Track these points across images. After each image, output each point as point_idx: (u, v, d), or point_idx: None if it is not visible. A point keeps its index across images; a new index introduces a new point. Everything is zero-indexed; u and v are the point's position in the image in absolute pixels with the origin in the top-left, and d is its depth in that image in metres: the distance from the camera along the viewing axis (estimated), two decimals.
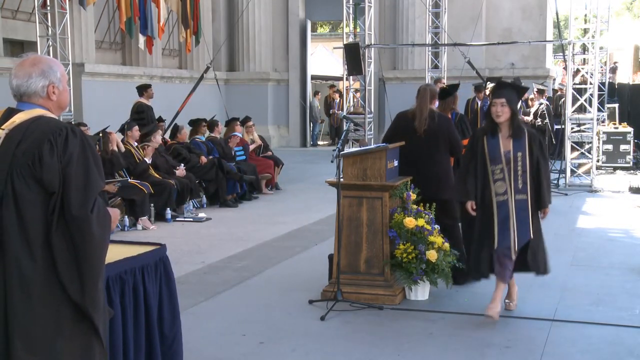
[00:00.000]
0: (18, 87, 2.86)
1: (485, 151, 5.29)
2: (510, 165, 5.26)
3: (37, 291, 2.71)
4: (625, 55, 25.86)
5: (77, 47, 13.84)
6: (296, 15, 20.71)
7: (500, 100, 5.25)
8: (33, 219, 2.70)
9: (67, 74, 2.96)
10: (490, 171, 5.30)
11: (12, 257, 2.70)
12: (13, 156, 2.72)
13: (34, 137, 2.73)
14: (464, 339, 5.03)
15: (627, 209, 10.49)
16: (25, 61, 2.89)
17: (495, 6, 19.43)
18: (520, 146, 5.27)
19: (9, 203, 2.71)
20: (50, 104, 2.89)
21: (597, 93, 13.13)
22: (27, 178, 2.70)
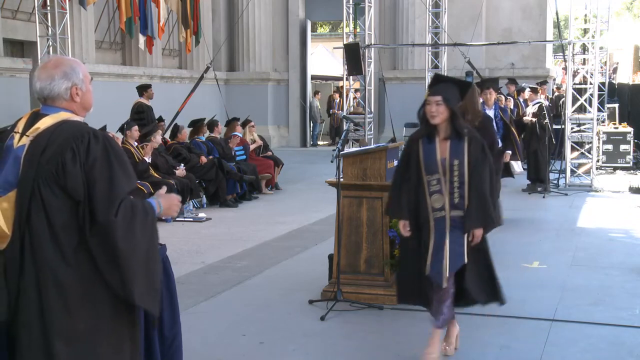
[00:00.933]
0: (42, 90, 2.85)
1: (420, 158, 4.47)
2: (447, 176, 4.44)
3: (73, 295, 2.74)
4: (625, 55, 25.86)
5: (77, 47, 13.84)
6: (296, 15, 20.71)
7: (435, 98, 4.42)
8: (63, 225, 2.72)
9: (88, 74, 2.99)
10: (426, 182, 4.46)
11: (46, 264, 2.72)
12: (38, 164, 2.74)
13: (57, 143, 2.74)
14: (464, 339, 5.02)
15: (627, 209, 10.49)
16: (47, 63, 2.90)
17: (495, 6, 19.43)
18: (458, 152, 4.43)
19: (38, 211, 2.73)
20: (75, 105, 2.89)
21: (597, 93, 13.13)
22: (53, 186, 2.72)
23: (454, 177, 4.41)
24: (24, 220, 2.75)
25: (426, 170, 4.45)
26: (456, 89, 4.53)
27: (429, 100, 4.44)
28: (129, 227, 2.74)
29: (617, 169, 14.62)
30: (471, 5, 18.43)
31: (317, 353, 4.80)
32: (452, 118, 4.42)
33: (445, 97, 4.39)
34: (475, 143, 4.44)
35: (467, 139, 4.42)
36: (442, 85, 4.52)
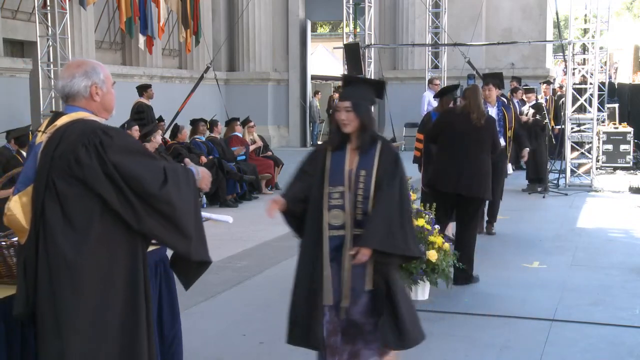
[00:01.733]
0: (63, 87, 2.94)
1: (326, 167, 3.82)
2: (351, 189, 3.79)
3: (85, 282, 2.78)
4: (625, 55, 25.86)
5: (77, 47, 13.83)
6: (296, 15, 20.71)
7: (344, 104, 3.80)
8: (77, 214, 2.78)
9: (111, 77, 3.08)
10: (327, 194, 3.78)
11: (57, 252, 2.77)
12: (52, 158, 2.81)
13: (69, 140, 2.81)
14: (464, 339, 5.03)
15: (627, 209, 10.48)
16: (70, 64, 3.02)
17: (495, 6, 19.43)
18: (367, 162, 3.80)
19: (52, 202, 2.78)
20: (94, 105, 2.95)
21: (597, 93, 13.13)
22: (68, 178, 2.78)
23: (358, 190, 3.77)
24: (39, 213, 2.81)
25: (330, 180, 3.81)
26: (370, 90, 3.95)
27: (338, 106, 3.84)
28: (178, 188, 2.88)
29: (617, 169, 14.62)
30: (471, 5, 18.42)
31: (317, 353, 4.79)
32: (361, 127, 3.79)
33: (354, 102, 3.78)
34: (387, 154, 3.83)
35: (379, 148, 3.82)
36: (352, 89, 3.94)
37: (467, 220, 6.43)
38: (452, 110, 6.94)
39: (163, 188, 2.82)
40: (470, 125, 6.27)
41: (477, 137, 6.31)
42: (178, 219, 2.88)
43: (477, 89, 6.60)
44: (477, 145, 6.32)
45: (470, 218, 6.43)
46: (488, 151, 6.44)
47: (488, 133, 6.39)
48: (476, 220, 6.58)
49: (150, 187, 2.79)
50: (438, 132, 6.58)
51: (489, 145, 6.42)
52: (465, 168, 6.29)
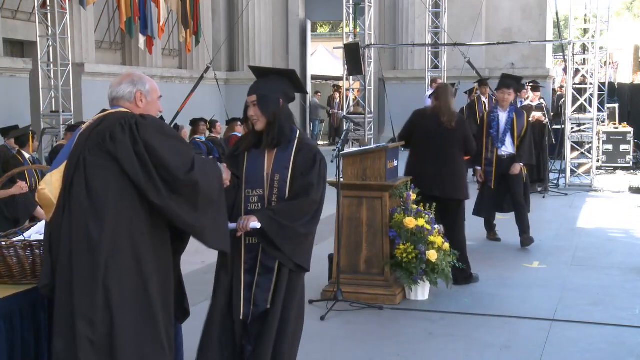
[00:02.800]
0: (111, 92, 3.14)
1: (243, 170, 3.59)
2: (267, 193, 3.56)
3: (103, 252, 2.84)
4: (625, 55, 25.87)
5: (77, 47, 13.84)
6: (296, 15, 20.71)
7: (251, 98, 3.56)
8: (103, 185, 2.87)
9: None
10: (244, 197, 3.57)
11: (81, 220, 2.86)
12: (89, 137, 2.95)
13: (108, 122, 2.96)
14: (464, 339, 5.03)
15: (627, 209, 10.49)
16: (122, 75, 3.20)
17: (495, 6, 19.42)
18: (281, 164, 3.54)
19: (79, 177, 2.89)
20: (137, 110, 3.08)
21: (597, 93, 13.13)
22: (98, 151, 2.90)
23: (272, 196, 3.53)
24: (67, 189, 2.92)
25: (247, 183, 3.59)
26: (282, 82, 3.61)
27: (247, 102, 3.59)
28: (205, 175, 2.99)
29: (617, 169, 14.62)
30: (471, 5, 18.42)
31: (317, 353, 4.79)
32: (270, 123, 3.51)
33: (260, 96, 3.52)
34: (305, 152, 3.53)
35: (295, 147, 3.53)
36: (261, 82, 3.62)
37: (451, 222, 6.41)
38: (423, 111, 6.83)
39: (189, 173, 2.91)
40: (441, 126, 6.27)
41: (448, 138, 6.29)
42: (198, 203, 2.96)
43: (447, 89, 6.53)
44: (449, 147, 6.32)
45: (453, 219, 6.41)
46: (461, 152, 6.43)
47: (459, 134, 6.36)
48: (460, 220, 6.53)
49: (176, 171, 2.90)
50: (410, 134, 6.55)
51: (461, 145, 6.40)
52: (438, 170, 6.29)
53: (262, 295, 3.55)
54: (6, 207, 7.79)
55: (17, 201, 7.71)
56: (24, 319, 3.13)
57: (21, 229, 3.70)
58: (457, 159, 6.40)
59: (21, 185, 7.46)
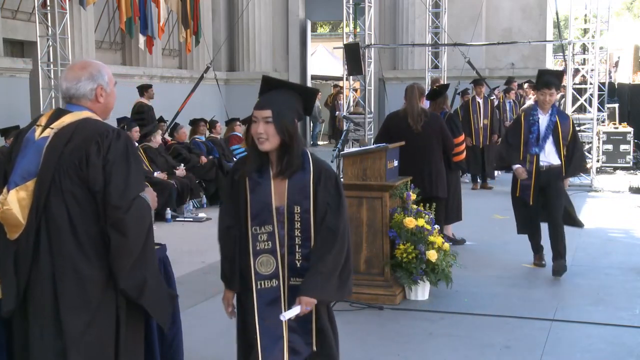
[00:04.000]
0: (68, 89, 2.96)
1: (248, 201, 3.09)
2: (285, 228, 3.08)
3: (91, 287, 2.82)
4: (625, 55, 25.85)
5: (77, 47, 13.83)
6: (296, 15, 20.70)
7: (262, 113, 3.02)
8: (81, 215, 2.80)
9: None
10: (251, 236, 3.08)
11: (65, 254, 2.79)
12: (61, 154, 2.82)
13: (82, 136, 2.83)
14: (464, 339, 5.03)
15: (627, 209, 10.48)
16: (75, 65, 3.04)
17: (495, 6, 19.42)
18: (300, 193, 3.06)
19: (58, 200, 2.80)
20: (97, 106, 2.99)
21: (597, 93, 13.13)
22: (73, 176, 2.80)
23: (294, 231, 3.08)
24: (41, 210, 2.81)
25: (253, 218, 3.09)
26: (297, 100, 3.12)
27: (255, 117, 3.04)
28: (138, 225, 2.84)
29: (617, 169, 14.62)
30: (471, 5, 18.41)
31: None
32: (283, 145, 3.03)
33: (277, 112, 3.00)
34: (325, 179, 3.08)
35: (312, 172, 3.07)
36: (274, 94, 3.09)
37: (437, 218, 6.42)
38: (395, 114, 6.84)
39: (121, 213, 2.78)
40: (412, 127, 6.31)
41: (422, 138, 6.32)
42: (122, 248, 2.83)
43: (413, 90, 6.54)
44: (424, 146, 6.36)
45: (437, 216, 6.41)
46: (438, 149, 6.47)
47: (433, 132, 6.39)
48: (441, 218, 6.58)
49: (113, 200, 2.78)
50: (385, 136, 6.58)
51: (438, 144, 6.43)
52: (418, 169, 6.34)
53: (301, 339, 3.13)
54: None
55: None
56: None
57: None
58: (433, 158, 6.45)
59: None
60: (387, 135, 6.58)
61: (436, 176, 6.51)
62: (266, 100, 3.07)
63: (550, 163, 6.59)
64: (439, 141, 6.47)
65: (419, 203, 6.13)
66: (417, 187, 6.24)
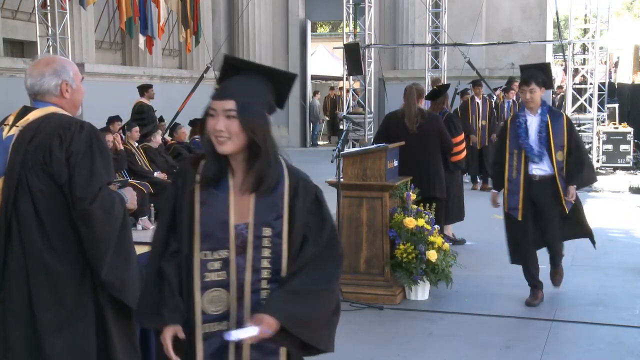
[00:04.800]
0: (32, 86, 2.94)
1: (195, 217, 2.32)
2: (247, 254, 2.31)
3: (61, 281, 2.81)
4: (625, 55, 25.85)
5: (77, 47, 13.83)
6: (296, 15, 20.71)
7: (223, 104, 2.26)
8: (49, 211, 2.79)
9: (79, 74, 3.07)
10: (199, 264, 2.31)
11: (34, 250, 2.79)
12: (25, 151, 2.81)
13: (45, 132, 2.82)
14: (464, 339, 5.03)
15: (627, 209, 10.48)
16: (39, 61, 3.00)
17: (495, 6, 19.42)
18: (270, 210, 2.32)
19: (25, 197, 2.80)
20: (64, 102, 2.96)
21: (597, 93, 13.13)
22: (39, 172, 2.79)
23: (260, 261, 2.31)
24: (10, 207, 2.81)
25: (203, 241, 2.32)
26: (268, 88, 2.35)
27: (213, 109, 2.30)
28: (105, 215, 2.81)
29: (617, 169, 14.61)
30: (471, 5, 18.41)
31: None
32: (251, 147, 2.28)
33: (242, 103, 2.26)
34: (302, 193, 2.36)
35: (287, 184, 2.35)
36: (239, 81, 2.32)
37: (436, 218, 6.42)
38: (394, 114, 6.83)
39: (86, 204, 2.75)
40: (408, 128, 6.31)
41: (420, 137, 6.31)
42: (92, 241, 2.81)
43: (411, 91, 6.52)
44: (422, 146, 6.35)
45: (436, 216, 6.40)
46: (436, 149, 6.45)
47: (431, 132, 6.37)
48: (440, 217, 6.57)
49: (77, 192, 2.76)
50: (384, 136, 6.57)
51: (436, 144, 6.41)
52: (416, 169, 6.33)
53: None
54: None
55: None
56: None
57: None
58: (431, 158, 6.44)
59: None
60: (386, 135, 6.58)
61: (434, 176, 6.51)
62: (228, 87, 2.31)
63: (543, 172, 5.60)
64: (438, 142, 6.47)
65: (419, 203, 6.13)
66: (416, 188, 6.24)
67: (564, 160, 5.61)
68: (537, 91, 5.53)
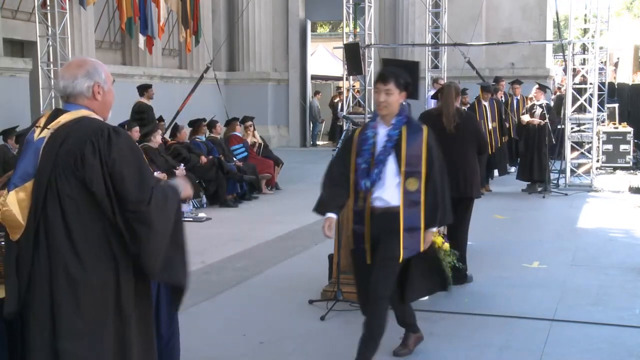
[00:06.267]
0: (65, 88, 2.95)
1: None
2: None
3: (81, 288, 2.79)
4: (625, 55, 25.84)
5: (77, 47, 13.83)
6: (296, 15, 20.71)
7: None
8: (75, 216, 2.78)
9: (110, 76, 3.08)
10: None
11: (58, 254, 2.78)
12: (57, 155, 2.80)
13: (76, 137, 2.81)
14: (464, 339, 5.03)
15: (627, 209, 10.48)
16: (71, 63, 3.01)
17: (495, 6, 19.43)
18: None
19: (54, 201, 2.79)
20: (96, 104, 2.96)
21: (597, 93, 13.13)
22: (69, 177, 2.78)
23: None
24: (39, 211, 2.80)
25: None
26: None
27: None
28: (161, 211, 2.85)
29: (617, 169, 14.61)
30: (471, 5, 18.42)
31: (317, 353, 4.79)
32: None
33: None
34: None
35: None
36: None
37: (458, 220, 6.37)
38: (429, 113, 6.78)
39: (147, 206, 2.79)
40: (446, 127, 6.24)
41: (457, 137, 6.25)
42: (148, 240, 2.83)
43: (449, 89, 6.46)
44: (459, 146, 6.28)
45: (461, 218, 6.37)
46: (473, 149, 6.39)
47: (467, 133, 6.31)
48: (467, 220, 6.50)
49: (134, 205, 2.79)
50: None
51: (473, 144, 6.35)
52: (450, 170, 6.25)
53: None
54: None
55: None
56: None
57: None
58: (468, 158, 6.34)
59: None
60: None
61: (472, 177, 6.36)
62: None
63: (386, 203, 4.31)
64: (474, 142, 6.35)
65: None
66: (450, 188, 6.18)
67: (419, 190, 4.30)
68: (394, 94, 4.28)
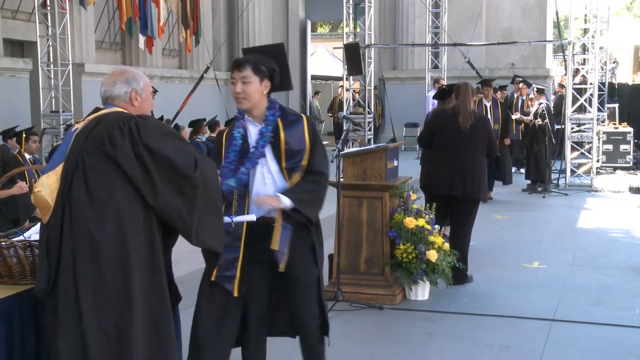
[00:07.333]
0: (105, 92, 3.13)
1: None
2: None
3: (105, 256, 2.85)
4: (625, 55, 25.86)
5: (77, 47, 13.83)
6: (296, 15, 20.72)
7: None
8: (103, 188, 2.87)
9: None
10: None
11: (82, 230, 2.85)
12: (86, 139, 2.93)
13: (105, 124, 2.95)
14: (464, 339, 5.03)
15: (627, 209, 10.48)
16: (113, 72, 3.21)
17: (495, 6, 19.43)
18: None
19: (79, 180, 2.88)
20: (133, 109, 3.09)
21: (597, 93, 13.13)
22: (98, 154, 2.89)
23: None
24: (66, 191, 2.89)
25: None
26: None
27: None
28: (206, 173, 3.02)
29: (617, 169, 14.61)
30: (471, 5, 18.43)
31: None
32: None
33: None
34: None
35: None
36: None
37: (462, 222, 6.40)
38: (442, 111, 6.80)
39: (195, 172, 2.95)
40: (460, 126, 6.23)
41: (469, 138, 6.24)
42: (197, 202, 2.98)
43: (466, 89, 6.47)
44: (470, 146, 6.27)
45: (465, 219, 6.39)
46: (483, 151, 6.38)
47: (480, 134, 6.30)
48: (471, 221, 6.50)
49: (185, 170, 2.92)
50: (430, 135, 6.52)
51: (483, 145, 6.35)
52: (459, 169, 6.25)
53: None
54: (6, 207, 7.80)
55: (17, 201, 7.72)
56: (24, 319, 3.12)
57: (21, 229, 3.69)
58: (478, 159, 6.34)
59: (21, 185, 7.46)
60: (433, 132, 6.47)
61: (480, 178, 6.36)
62: None
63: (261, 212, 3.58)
64: (485, 144, 6.36)
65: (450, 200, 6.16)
66: (457, 188, 6.19)
67: None
68: (254, 82, 3.55)
